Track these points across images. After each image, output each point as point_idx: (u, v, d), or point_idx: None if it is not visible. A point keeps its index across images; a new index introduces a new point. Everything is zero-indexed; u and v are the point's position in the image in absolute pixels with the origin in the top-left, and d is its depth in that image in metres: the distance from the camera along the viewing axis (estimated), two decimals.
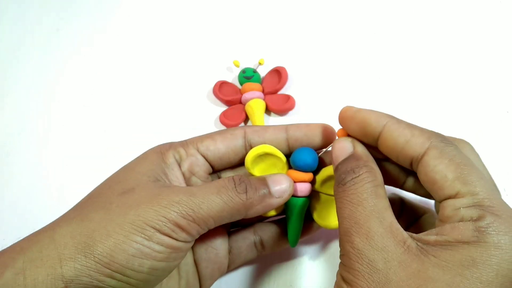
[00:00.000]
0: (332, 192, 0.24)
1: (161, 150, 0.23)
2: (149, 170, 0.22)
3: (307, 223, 0.26)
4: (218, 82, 0.36)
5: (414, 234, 0.18)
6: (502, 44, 0.35)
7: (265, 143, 0.24)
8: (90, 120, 0.38)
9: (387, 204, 0.19)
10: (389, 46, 0.37)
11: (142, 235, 0.18)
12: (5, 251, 0.19)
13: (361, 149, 0.21)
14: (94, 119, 0.38)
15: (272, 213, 0.25)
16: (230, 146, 0.24)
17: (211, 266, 0.24)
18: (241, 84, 0.36)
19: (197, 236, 0.20)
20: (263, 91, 0.35)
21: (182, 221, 0.19)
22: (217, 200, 0.20)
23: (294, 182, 0.23)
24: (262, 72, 0.37)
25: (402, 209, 0.25)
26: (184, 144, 0.24)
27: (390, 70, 0.36)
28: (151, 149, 0.24)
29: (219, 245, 0.25)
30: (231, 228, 0.26)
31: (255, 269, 0.29)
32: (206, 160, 0.24)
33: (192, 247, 0.24)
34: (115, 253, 0.18)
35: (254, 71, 0.36)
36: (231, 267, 0.26)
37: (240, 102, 0.35)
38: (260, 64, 0.36)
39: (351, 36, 0.38)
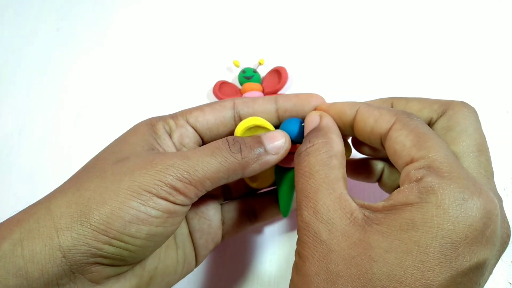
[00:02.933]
0: None
1: (151, 122, 0.23)
2: (142, 140, 0.22)
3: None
4: (218, 82, 0.36)
5: (365, 203, 0.17)
6: (502, 44, 0.35)
7: (254, 115, 0.24)
8: (91, 120, 0.38)
9: (340, 174, 0.19)
10: (389, 46, 0.37)
11: (138, 200, 0.18)
12: (1, 224, 0.19)
13: (325, 121, 0.21)
14: (95, 119, 0.38)
15: (264, 185, 0.26)
16: (219, 117, 0.24)
17: (205, 237, 0.24)
18: (241, 84, 0.36)
19: (195, 199, 0.20)
20: (263, 91, 0.35)
21: (178, 183, 0.19)
22: (212, 161, 0.20)
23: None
24: (262, 72, 0.37)
25: None
26: (174, 116, 0.24)
27: (390, 70, 0.36)
28: (141, 122, 0.24)
29: (212, 216, 0.25)
30: (224, 200, 0.27)
31: (255, 269, 0.29)
32: (196, 131, 0.24)
33: (186, 219, 0.24)
34: (111, 220, 0.18)
35: (254, 71, 0.36)
36: (225, 238, 0.26)
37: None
38: (260, 64, 0.36)
39: (351, 36, 0.38)
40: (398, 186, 0.18)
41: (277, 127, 0.24)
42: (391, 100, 0.22)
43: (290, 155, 0.23)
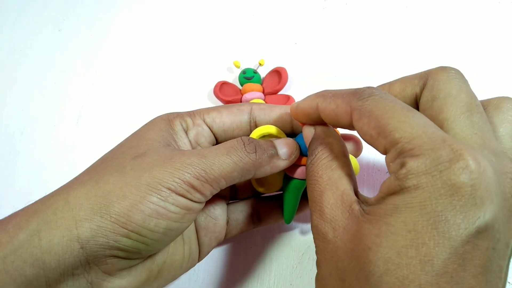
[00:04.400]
0: None
1: (169, 118, 0.24)
2: (159, 136, 0.22)
3: (304, 202, 0.26)
4: (219, 82, 0.36)
5: (365, 197, 0.17)
6: (501, 44, 0.36)
7: (270, 122, 0.24)
8: (92, 119, 0.38)
9: (343, 173, 0.19)
10: (388, 47, 0.37)
11: (158, 196, 0.19)
12: (17, 213, 0.19)
13: (319, 128, 0.21)
14: (96, 119, 0.38)
15: (271, 190, 0.26)
16: (235, 120, 0.24)
17: (209, 235, 0.25)
18: (241, 85, 0.36)
19: (210, 197, 0.21)
20: (263, 92, 0.36)
21: (195, 182, 0.19)
22: (227, 161, 0.20)
23: (300, 165, 0.24)
24: (263, 72, 0.37)
25: None
26: (191, 114, 0.24)
27: (390, 70, 0.36)
28: (158, 116, 0.24)
29: (218, 215, 0.25)
30: (230, 200, 0.27)
31: (255, 269, 0.29)
32: (211, 131, 0.24)
33: None
34: (132, 213, 0.18)
35: (255, 72, 0.36)
36: (227, 237, 0.26)
37: (241, 102, 0.36)
38: (260, 64, 0.36)
39: (351, 37, 0.38)
40: None
41: (290, 136, 0.25)
42: (349, 102, 0.22)
43: (298, 166, 0.24)
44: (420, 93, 0.19)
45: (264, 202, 0.27)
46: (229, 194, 0.27)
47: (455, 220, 0.14)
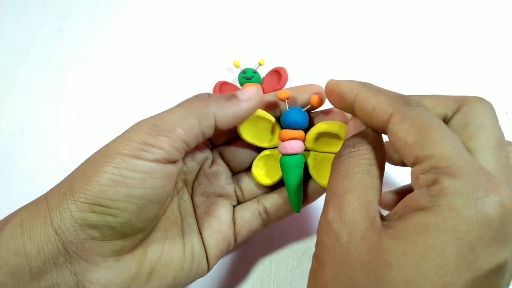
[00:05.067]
0: (326, 149, 0.24)
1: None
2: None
3: (308, 190, 0.25)
4: (219, 82, 0.36)
5: (386, 216, 0.17)
6: (501, 44, 0.36)
7: None
8: (92, 119, 0.38)
9: (376, 184, 0.18)
10: (388, 46, 0.37)
11: (113, 164, 0.19)
12: (11, 213, 0.20)
13: (371, 130, 0.20)
14: (96, 119, 0.38)
15: (270, 181, 0.25)
16: None
17: (214, 235, 0.24)
18: (241, 85, 0.36)
19: (174, 153, 0.20)
20: (263, 92, 0.36)
21: (147, 137, 0.19)
22: (179, 109, 0.20)
23: (285, 140, 0.23)
24: (262, 72, 0.37)
25: None
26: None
27: (390, 70, 0.36)
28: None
29: (222, 214, 0.25)
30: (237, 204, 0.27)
31: (255, 268, 0.29)
32: None
33: (196, 217, 0.25)
34: (90, 187, 0.18)
35: (254, 72, 0.36)
36: (238, 239, 0.25)
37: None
38: (260, 64, 0.36)
39: (351, 37, 0.38)
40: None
41: (278, 118, 0.25)
42: (392, 104, 0.21)
43: (293, 141, 0.23)
44: (451, 116, 0.19)
45: (270, 195, 0.26)
46: (235, 197, 0.26)
47: (482, 253, 0.14)
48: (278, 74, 0.36)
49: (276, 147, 0.25)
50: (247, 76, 0.35)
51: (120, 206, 0.19)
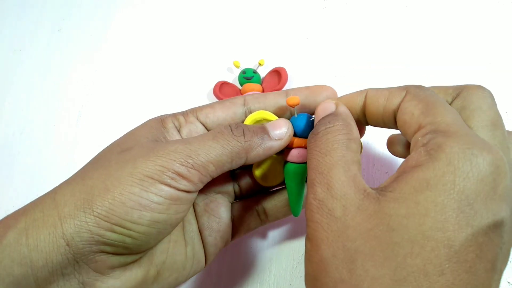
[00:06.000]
0: None
1: (161, 118, 0.24)
2: (148, 133, 0.22)
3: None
4: (219, 82, 0.36)
5: (377, 187, 0.17)
6: (501, 45, 0.36)
7: (265, 109, 0.24)
8: (92, 119, 0.38)
9: (356, 158, 0.18)
10: (388, 46, 0.37)
11: (141, 186, 0.18)
12: (8, 215, 0.19)
13: (343, 108, 0.21)
14: (96, 119, 0.38)
15: (274, 182, 0.25)
16: (229, 113, 0.24)
17: (214, 235, 0.24)
18: (241, 85, 0.36)
19: (200, 185, 0.20)
20: (263, 92, 0.36)
21: (180, 168, 0.19)
22: (214, 145, 0.20)
23: (294, 148, 0.23)
24: (262, 73, 0.37)
25: None
26: (184, 113, 0.24)
27: (390, 71, 0.36)
28: (152, 118, 0.24)
29: (222, 214, 0.25)
30: (235, 200, 0.27)
31: (255, 268, 0.29)
32: (206, 128, 0.24)
33: (196, 216, 0.24)
34: (113, 206, 0.18)
35: (254, 72, 0.36)
36: (235, 237, 0.26)
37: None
38: (260, 65, 0.36)
39: (351, 36, 0.38)
40: None
41: None
42: (406, 88, 0.21)
43: (300, 149, 0.23)
44: (451, 102, 0.20)
45: (269, 196, 0.26)
46: (232, 193, 0.26)
47: (479, 208, 0.14)
48: (278, 74, 0.36)
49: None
50: (247, 76, 0.35)
51: (142, 230, 0.18)
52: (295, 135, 0.23)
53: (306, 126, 0.23)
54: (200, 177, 0.20)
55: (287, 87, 0.36)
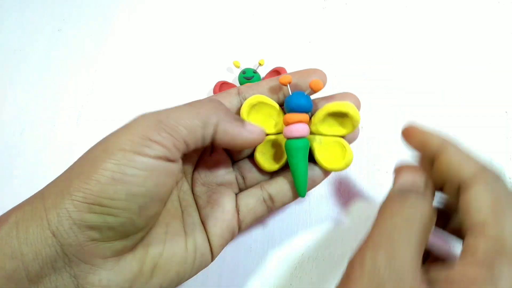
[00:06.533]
0: (331, 132, 0.24)
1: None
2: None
3: (312, 174, 0.25)
4: (219, 82, 0.36)
5: (431, 267, 0.17)
6: (501, 45, 0.36)
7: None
8: (92, 119, 0.38)
9: (425, 243, 0.18)
10: (387, 48, 0.37)
11: (113, 161, 0.18)
12: (5, 213, 0.19)
13: (431, 184, 0.20)
14: (96, 119, 0.38)
15: (274, 166, 0.25)
16: (225, 104, 0.24)
17: (219, 224, 0.23)
18: (241, 85, 0.36)
19: (176, 153, 0.19)
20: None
21: (150, 132, 0.18)
22: (186, 108, 0.20)
23: (291, 123, 0.23)
24: (262, 73, 0.37)
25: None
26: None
27: (389, 72, 0.36)
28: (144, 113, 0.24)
29: (226, 203, 0.24)
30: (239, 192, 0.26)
31: (255, 268, 0.29)
32: None
33: (197, 207, 0.24)
34: (89, 186, 0.17)
35: (254, 72, 0.36)
36: (242, 227, 0.25)
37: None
38: (260, 65, 0.36)
39: (350, 37, 0.38)
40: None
41: (281, 104, 0.25)
42: (482, 169, 0.19)
43: (298, 124, 0.23)
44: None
45: (273, 181, 0.26)
46: (236, 184, 0.26)
47: None
48: (278, 74, 0.36)
49: (280, 133, 0.25)
50: (247, 76, 0.35)
51: (121, 206, 0.18)
52: (291, 111, 0.23)
53: (303, 101, 0.23)
54: (173, 141, 0.19)
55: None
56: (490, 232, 0.16)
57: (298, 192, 0.25)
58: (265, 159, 0.25)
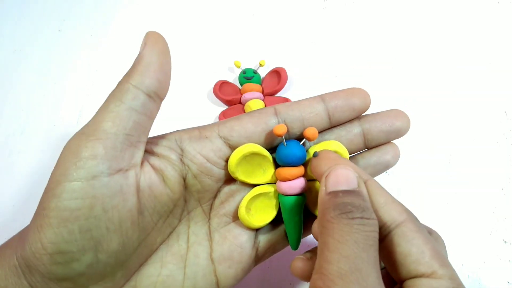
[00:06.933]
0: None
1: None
2: None
3: (308, 221, 0.22)
4: (219, 81, 0.36)
5: None
6: (501, 45, 0.36)
7: (302, 118, 0.21)
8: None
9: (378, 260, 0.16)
10: (387, 48, 0.37)
11: (55, 199, 0.16)
12: None
13: (364, 189, 0.17)
14: None
15: (264, 223, 0.22)
16: (260, 124, 0.20)
17: (235, 266, 0.20)
18: (241, 85, 0.36)
19: (115, 155, 0.17)
20: (262, 92, 0.36)
21: (77, 150, 0.16)
22: (101, 105, 0.18)
23: (287, 180, 0.21)
24: (263, 73, 0.37)
25: None
26: (201, 127, 0.21)
27: (389, 72, 0.36)
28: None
29: (244, 242, 0.21)
30: None
31: (255, 268, 0.29)
32: (229, 146, 0.20)
33: (211, 246, 0.21)
34: (42, 234, 0.16)
35: (255, 72, 0.36)
36: (259, 262, 0.23)
37: (240, 102, 0.36)
38: (260, 65, 0.36)
39: (350, 37, 0.38)
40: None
41: (270, 150, 0.21)
42: (405, 211, 0.18)
43: (294, 181, 0.21)
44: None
45: (265, 230, 0.23)
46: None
47: None
48: (278, 75, 0.36)
49: (268, 183, 0.22)
50: (248, 76, 0.35)
51: (79, 246, 0.16)
52: (285, 163, 0.21)
53: (299, 153, 0.20)
54: (103, 143, 0.16)
55: (287, 87, 0.36)
56: (443, 277, 0.15)
57: (290, 245, 0.22)
58: (250, 216, 0.21)
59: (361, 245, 0.15)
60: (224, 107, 0.36)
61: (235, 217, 0.21)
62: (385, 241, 0.17)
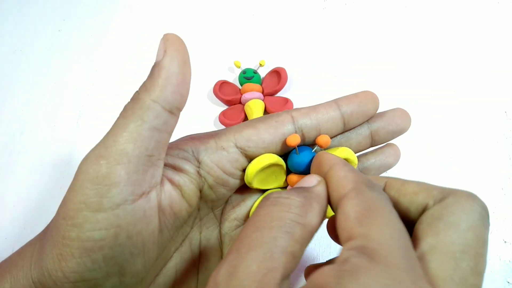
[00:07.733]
0: None
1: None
2: None
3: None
4: (219, 81, 0.36)
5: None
6: (501, 45, 0.36)
7: (319, 125, 0.21)
8: (92, 120, 0.38)
9: (291, 249, 0.14)
10: (388, 48, 0.37)
11: (76, 228, 0.15)
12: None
13: (319, 189, 0.17)
14: (96, 119, 0.38)
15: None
16: (277, 135, 0.20)
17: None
18: (241, 85, 0.36)
19: (138, 178, 0.16)
20: (262, 92, 0.36)
21: (97, 176, 0.16)
22: (118, 121, 0.18)
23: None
24: (263, 73, 0.37)
25: None
26: (215, 134, 0.20)
27: (388, 72, 0.36)
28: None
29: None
30: None
31: None
32: (246, 155, 0.20)
33: (222, 250, 0.21)
34: (64, 263, 0.16)
35: (255, 72, 0.36)
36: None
37: (240, 102, 0.36)
38: (260, 65, 0.36)
39: (350, 37, 0.38)
40: None
41: (286, 155, 0.21)
42: (386, 180, 0.18)
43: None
44: (432, 206, 0.16)
45: None
46: None
47: None
48: (278, 75, 0.36)
49: (280, 187, 0.22)
50: (248, 76, 0.35)
51: (103, 273, 0.16)
52: (298, 172, 0.21)
53: (309, 164, 0.20)
54: (126, 168, 0.15)
55: (287, 87, 0.36)
56: (356, 237, 0.13)
57: None
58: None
59: (258, 224, 0.14)
60: (224, 107, 0.36)
61: (246, 221, 0.21)
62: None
